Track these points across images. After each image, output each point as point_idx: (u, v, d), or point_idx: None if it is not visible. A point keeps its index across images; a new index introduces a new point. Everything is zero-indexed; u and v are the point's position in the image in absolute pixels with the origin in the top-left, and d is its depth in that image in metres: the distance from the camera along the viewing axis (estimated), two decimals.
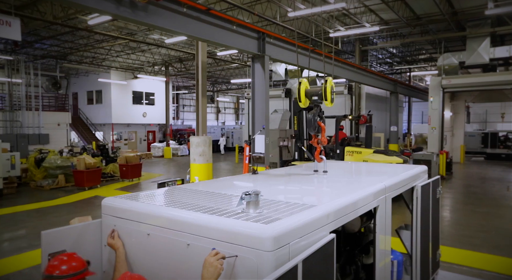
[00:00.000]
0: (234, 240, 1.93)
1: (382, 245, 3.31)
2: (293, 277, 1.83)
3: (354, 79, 17.39)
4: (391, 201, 3.50)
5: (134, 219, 2.44)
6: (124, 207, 2.53)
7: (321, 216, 2.29)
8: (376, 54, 26.05)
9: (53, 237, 2.44)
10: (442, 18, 16.45)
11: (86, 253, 2.57)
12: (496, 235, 8.82)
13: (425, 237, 4.46)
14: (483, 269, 6.80)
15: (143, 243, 2.37)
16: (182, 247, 2.14)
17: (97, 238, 2.64)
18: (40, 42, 21.02)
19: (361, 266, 3.95)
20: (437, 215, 4.92)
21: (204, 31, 8.07)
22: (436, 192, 4.86)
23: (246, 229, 1.95)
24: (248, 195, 2.14)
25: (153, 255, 2.31)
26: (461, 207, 11.80)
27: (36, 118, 23.13)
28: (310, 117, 3.75)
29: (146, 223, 2.36)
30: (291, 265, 1.82)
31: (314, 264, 2.03)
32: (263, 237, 1.84)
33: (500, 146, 26.30)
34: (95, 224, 2.66)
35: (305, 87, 3.81)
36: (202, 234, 2.06)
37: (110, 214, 2.60)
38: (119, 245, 2.45)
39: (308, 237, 2.12)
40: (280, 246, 1.88)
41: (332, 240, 2.25)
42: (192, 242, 2.11)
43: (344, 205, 2.59)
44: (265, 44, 9.71)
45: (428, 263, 4.61)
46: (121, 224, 2.51)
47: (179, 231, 2.18)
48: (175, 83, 38.68)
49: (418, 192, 4.22)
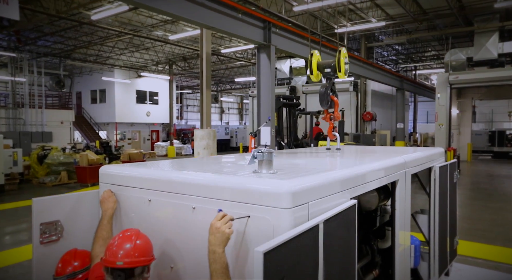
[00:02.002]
0: (246, 198, 1.71)
1: (401, 223, 3.07)
2: (314, 238, 1.61)
3: (360, 74, 17.13)
4: (410, 178, 3.26)
5: (134, 185, 2.22)
6: (123, 173, 2.32)
7: (340, 179, 2.07)
8: (381, 52, 25.78)
9: (46, 205, 2.23)
10: (449, 13, 16.17)
11: (82, 224, 2.36)
12: (510, 229, 8.53)
13: (443, 221, 4.22)
14: (499, 261, 6.52)
15: (144, 210, 2.15)
16: (187, 212, 1.92)
17: (94, 208, 2.42)
18: (44, 38, 20.94)
19: (376, 250, 3.71)
20: (455, 200, 4.67)
21: (209, 18, 7.87)
22: (454, 175, 4.62)
23: (260, 185, 1.72)
24: (261, 153, 1.92)
25: (155, 223, 2.09)
26: (472, 202, 11.49)
27: (39, 116, 23.03)
28: (322, 91, 3.52)
29: (147, 188, 2.14)
30: (312, 223, 1.60)
31: (335, 228, 1.81)
32: (280, 192, 1.62)
33: (508, 144, 25.90)
34: (92, 194, 2.45)
35: (317, 60, 3.58)
36: (209, 195, 1.85)
37: (108, 182, 2.38)
38: (107, 206, 2.24)
39: (328, 200, 1.89)
40: (299, 204, 1.66)
41: (354, 205, 2.03)
42: (198, 205, 1.88)
43: (364, 172, 2.36)
44: (271, 33, 9.50)
45: (446, 250, 4.36)
46: (120, 191, 2.30)
47: (183, 194, 1.96)
48: (179, 83, 38.56)
49: (436, 173, 3.98)
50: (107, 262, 1.79)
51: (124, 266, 1.77)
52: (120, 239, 1.86)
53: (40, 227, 2.18)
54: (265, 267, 1.26)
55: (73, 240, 2.33)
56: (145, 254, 1.84)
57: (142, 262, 1.81)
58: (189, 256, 1.91)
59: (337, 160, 3.08)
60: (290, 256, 1.43)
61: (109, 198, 2.26)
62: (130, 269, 1.78)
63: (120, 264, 1.76)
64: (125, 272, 1.78)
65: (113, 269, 1.78)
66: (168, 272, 2.01)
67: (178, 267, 1.97)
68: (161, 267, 2.04)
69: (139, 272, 1.81)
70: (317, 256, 1.66)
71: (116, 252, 1.80)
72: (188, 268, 1.91)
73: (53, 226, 2.25)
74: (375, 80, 19.48)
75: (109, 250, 1.83)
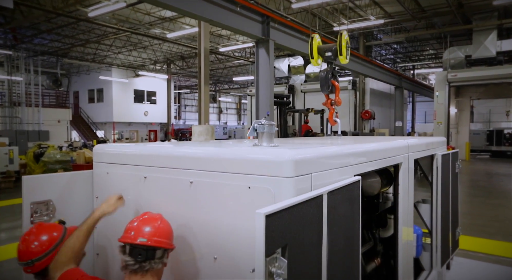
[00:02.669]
0: (247, 169, 1.63)
1: (404, 209, 3.00)
2: (317, 208, 1.53)
3: (359, 71, 17.09)
4: (413, 163, 3.19)
5: (129, 162, 2.14)
6: (118, 151, 2.24)
7: (344, 154, 2.00)
8: (380, 51, 25.76)
9: (37, 184, 2.14)
10: (448, 11, 16.16)
11: (75, 205, 2.28)
12: (510, 224, 8.48)
13: (445, 211, 4.15)
14: (500, 255, 6.46)
15: (139, 188, 2.07)
16: (184, 186, 1.84)
17: (87, 189, 2.34)
18: (40, 36, 20.81)
19: (378, 239, 3.63)
20: (457, 190, 4.61)
21: (207, 11, 7.79)
22: (456, 165, 4.55)
23: (261, 155, 1.64)
24: (261, 125, 1.84)
25: (151, 200, 2.01)
26: (471, 199, 11.44)
27: (36, 115, 22.87)
28: (323, 75, 3.45)
29: (143, 165, 2.06)
30: (316, 193, 1.52)
31: (339, 202, 1.73)
32: (282, 160, 1.54)
33: (506, 143, 25.92)
34: (85, 174, 2.36)
35: (318, 44, 3.51)
36: (208, 168, 1.76)
37: (102, 161, 2.30)
38: (105, 209, 1.96)
39: (331, 174, 1.82)
40: (301, 173, 1.57)
41: (358, 182, 1.95)
42: (195, 179, 1.80)
43: (367, 150, 2.29)
44: (269, 28, 9.43)
45: (448, 240, 4.29)
46: (114, 170, 2.21)
47: (180, 169, 1.88)
48: (177, 83, 38.45)
49: (438, 161, 3.91)
50: (127, 238, 1.66)
51: (147, 244, 1.63)
52: (144, 219, 1.74)
53: (31, 206, 2.09)
54: (267, 231, 1.18)
55: (66, 221, 2.24)
56: (168, 237, 1.73)
57: (165, 244, 1.69)
58: (186, 233, 1.82)
59: (339, 141, 3.01)
60: (293, 223, 1.36)
61: (116, 202, 1.99)
62: (152, 249, 1.65)
63: (143, 240, 1.63)
64: (147, 252, 1.64)
65: (133, 247, 1.63)
66: None
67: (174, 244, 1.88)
68: None
69: (160, 255, 1.67)
70: (321, 228, 1.58)
71: (139, 228, 1.68)
72: (185, 245, 1.83)
73: (45, 206, 2.16)
74: (373, 77, 19.45)
75: (129, 228, 1.70)
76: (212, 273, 1.71)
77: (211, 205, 1.73)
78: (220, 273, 1.68)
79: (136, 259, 1.63)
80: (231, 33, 20.90)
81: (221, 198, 1.69)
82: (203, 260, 1.74)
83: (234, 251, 1.65)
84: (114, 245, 1.91)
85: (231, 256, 1.66)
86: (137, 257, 1.62)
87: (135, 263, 1.63)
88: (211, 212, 1.73)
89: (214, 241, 1.71)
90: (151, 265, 1.64)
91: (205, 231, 1.75)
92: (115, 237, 1.76)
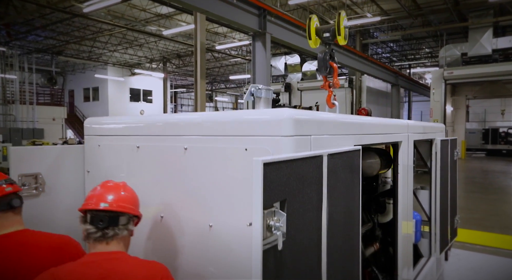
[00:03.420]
0: (243, 130, 1.56)
1: (404, 190, 2.94)
2: (317, 168, 1.46)
3: (355, 67, 17.07)
4: (413, 144, 3.14)
5: (121, 133, 2.06)
6: (110, 122, 2.16)
7: (344, 121, 1.93)
8: (376, 49, 25.79)
9: (25, 156, 2.06)
10: (444, 8, 16.19)
11: (66, 179, 2.20)
12: (506, 218, 8.49)
13: (444, 198, 4.10)
14: (497, 247, 6.44)
15: (132, 158, 1.99)
16: (178, 153, 1.77)
17: (78, 163, 2.26)
18: (34, 33, 20.61)
19: (377, 224, 3.57)
20: (455, 178, 4.56)
21: (203, 1, 7.70)
22: (454, 153, 4.51)
23: (258, 115, 1.58)
24: (259, 89, 1.77)
25: (145, 170, 1.93)
26: (468, 195, 11.45)
27: (30, 113, 22.65)
28: (320, 56, 3.38)
29: (136, 134, 1.99)
30: (316, 153, 1.46)
31: (340, 168, 1.67)
32: (281, 118, 1.48)
33: (501, 142, 26.04)
34: (76, 149, 2.28)
35: (315, 24, 3.44)
36: (203, 133, 1.69)
37: (94, 134, 2.22)
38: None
39: (331, 140, 1.75)
40: (301, 133, 1.51)
41: (358, 151, 1.89)
42: (190, 145, 1.73)
43: (367, 121, 2.23)
44: (266, 21, 9.36)
45: (447, 227, 4.24)
46: (106, 142, 2.14)
47: (174, 136, 1.81)
48: (173, 82, 38.31)
49: (437, 146, 3.87)
50: (88, 205, 1.56)
51: (109, 209, 1.54)
52: (106, 186, 1.64)
53: (19, 178, 2.01)
54: (265, 180, 1.11)
55: (56, 195, 2.16)
56: (133, 203, 1.63)
57: (129, 209, 1.59)
58: (181, 201, 1.75)
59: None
60: (292, 179, 1.29)
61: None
62: (115, 215, 1.55)
63: (105, 205, 1.54)
64: (109, 217, 1.54)
65: (95, 214, 1.54)
66: (158, 222, 1.85)
67: (168, 216, 1.81)
68: (151, 217, 1.88)
69: (124, 221, 1.57)
70: (321, 190, 1.51)
71: (100, 196, 1.58)
72: (180, 213, 1.76)
73: (33, 179, 2.08)
74: (370, 74, 19.45)
75: (91, 196, 1.60)
76: (208, 241, 1.64)
77: (206, 171, 1.66)
78: (216, 240, 1.62)
79: (97, 226, 1.53)
80: (228, 31, 20.83)
81: (217, 162, 1.62)
82: (198, 228, 1.67)
83: (230, 218, 1.58)
84: None
85: (227, 223, 1.60)
86: (99, 223, 1.53)
87: (97, 230, 1.53)
88: (206, 178, 1.66)
89: (210, 208, 1.64)
90: (114, 231, 1.54)
91: (200, 198, 1.68)
92: None
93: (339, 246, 1.68)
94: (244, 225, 1.48)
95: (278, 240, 1.16)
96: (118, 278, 1.47)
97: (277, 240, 1.18)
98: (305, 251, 1.41)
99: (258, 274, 1.10)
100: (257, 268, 1.10)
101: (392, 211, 3.31)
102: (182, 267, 1.75)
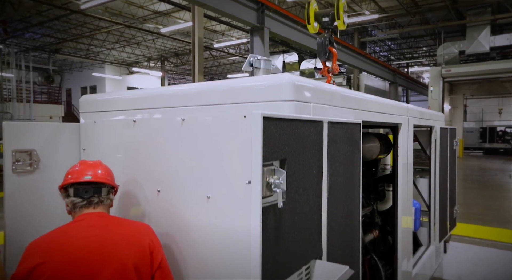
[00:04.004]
0: (242, 97, 1.53)
1: (403, 175, 2.91)
2: (318, 133, 1.43)
3: (354, 64, 17.07)
4: (413, 128, 3.11)
5: (117, 108, 2.03)
6: (106, 98, 2.13)
7: (345, 94, 1.91)
8: (374, 47, 25.81)
9: (19, 131, 2.02)
10: (442, 5, 16.20)
11: (61, 157, 2.16)
12: (505, 213, 8.50)
13: (444, 186, 4.08)
14: (495, 240, 6.43)
15: (128, 133, 1.95)
16: (175, 125, 1.73)
17: (74, 140, 2.22)
18: (31, 30, 20.51)
19: (376, 211, 3.54)
20: (454, 167, 4.54)
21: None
22: (453, 142, 4.49)
23: (257, 81, 1.54)
24: (258, 60, 1.74)
25: (141, 144, 1.89)
26: (466, 191, 11.45)
27: (27, 110, 22.52)
28: (319, 41, 3.35)
29: (132, 108, 1.95)
30: (316, 118, 1.42)
31: (340, 138, 1.63)
32: (281, 82, 1.44)
33: (499, 141, 26.10)
34: (72, 126, 2.25)
35: (314, 9, 3.42)
36: (200, 103, 1.66)
37: (90, 110, 2.18)
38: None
39: (331, 110, 1.72)
40: (301, 99, 1.47)
41: (359, 124, 1.86)
42: (187, 116, 1.69)
43: (368, 98, 2.20)
44: (264, 16, 9.34)
45: (446, 216, 4.22)
46: (102, 118, 2.10)
47: (171, 107, 1.77)
48: (171, 81, 38.24)
49: (437, 133, 3.85)
50: (72, 179, 1.66)
51: (92, 180, 1.65)
52: (82, 163, 1.76)
53: (13, 154, 1.97)
54: (265, 135, 1.08)
55: (50, 173, 2.12)
56: (111, 177, 1.77)
57: (109, 181, 1.74)
58: (178, 173, 1.72)
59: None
60: (293, 140, 1.26)
61: None
62: (98, 186, 1.68)
63: (88, 178, 1.65)
64: (93, 188, 1.66)
65: (78, 187, 1.65)
66: (155, 197, 1.81)
67: (165, 190, 1.78)
68: (148, 191, 1.84)
69: (105, 192, 1.71)
70: (321, 157, 1.48)
71: (81, 171, 1.69)
72: (177, 185, 1.72)
73: (28, 155, 2.04)
74: (368, 72, 19.46)
75: (71, 172, 1.70)
76: (205, 212, 1.60)
77: (205, 141, 1.62)
78: (214, 212, 1.58)
79: (83, 196, 1.64)
80: (226, 29, 20.79)
81: (215, 131, 1.58)
82: (196, 199, 1.63)
83: (228, 188, 1.54)
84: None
85: (225, 193, 1.56)
86: (84, 194, 1.65)
87: (83, 200, 1.65)
88: (204, 148, 1.62)
89: (208, 179, 1.61)
90: (99, 199, 1.67)
91: (197, 169, 1.64)
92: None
93: (339, 217, 1.65)
94: (242, 205, 1.44)
95: (278, 198, 1.13)
96: (113, 226, 1.62)
97: (277, 200, 1.15)
98: (305, 217, 1.38)
99: (258, 230, 1.07)
100: (256, 225, 1.07)
101: (392, 197, 3.29)
102: (181, 240, 1.72)
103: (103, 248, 1.51)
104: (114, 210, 2.03)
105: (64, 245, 1.50)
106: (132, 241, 1.56)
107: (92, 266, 1.46)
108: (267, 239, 1.13)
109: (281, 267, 1.23)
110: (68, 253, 1.47)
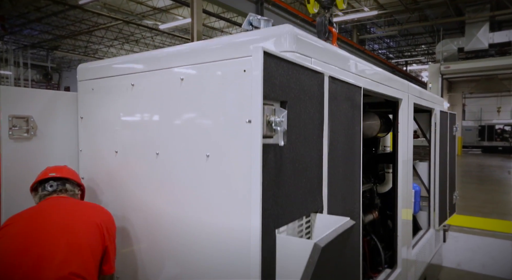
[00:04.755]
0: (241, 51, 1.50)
1: (403, 151, 2.89)
2: (319, 86, 1.41)
3: None
4: (413, 106, 3.10)
5: (114, 73, 2.00)
6: (103, 64, 2.10)
7: (346, 56, 1.89)
8: (372, 45, 25.83)
9: (15, 96, 1.99)
10: (441, 2, 16.22)
11: (58, 125, 2.14)
12: (503, 206, 8.51)
13: (443, 170, 4.07)
14: (495, 230, 6.43)
15: (126, 98, 1.93)
16: (174, 85, 1.71)
17: (72, 109, 2.20)
18: (30, 27, 20.44)
19: (376, 193, 3.53)
20: (454, 153, 4.53)
21: None
22: (453, 128, 4.48)
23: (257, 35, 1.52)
24: (258, 19, 1.71)
25: (139, 107, 1.87)
26: (466, 186, 11.45)
27: None
28: (319, 20, 3.33)
29: (129, 73, 1.93)
30: (318, 68, 1.41)
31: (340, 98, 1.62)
32: (282, 32, 1.44)
33: (497, 139, 26.14)
34: (69, 95, 2.23)
35: None
36: (199, 60, 1.63)
37: (87, 78, 2.16)
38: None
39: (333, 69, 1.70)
40: (302, 52, 1.46)
41: (360, 88, 1.85)
42: (187, 75, 1.67)
43: (369, 66, 2.18)
44: (263, 8, 9.33)
45: (446, 201, 4.21)
46: (100, 84, 2.08)
47: (169, 68, 1.75)
48: None
49: (436, 116, 3.84)
50: (39, 177, 1.86)
51: (56, 176, 1.87)
52: (50, 167, 1.95)
53: (9, 119, 1.95)
54: (265, 71, 1.06)
55: (48, 141, 2.10)
56: (76, 175, 1.97)
57: (74, 177, 1.93)
58: (177, 132, 1.69)
59: None
60: (293, 83, 1.24)
61: None
62: (62, 181, 1.88)
63: (52, 174, 1.88)
64: (57, 184, 1.86)
65: (45, 184, 1.85)
66: (154, 159, 1.79)
67: (164, 152, 1.75)
68: (146, 154, 1.82)
69: (70, 187, 1.90)
70: (322, 110, 1.46)
71: (47, 171, 1.91)
72: (175, 150, 1.70)
73: (25, 121, 2.01)
74: None
75: (40, 174, 1.90)
76: (204, 171, 1.58)
77: (205, 99, 1.60)
78: (212, 170, 1.56)
79: (48, 189, 1.85)
80: (225, 26, 20.77)
81: (215, 88, 1.56)
82: (195, 159, 1.61)
83: (227, 146, 1.52)
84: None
85: (224, 151, 1.53)
86: (50, 186, 1.85)
87: (50, 192, 1.85)
88: (204, 107, 1.60)
89: (207, 136, 1.58)
90: (64, 188, 1.88)
91: (197, 127, 1.62)
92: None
93: (339, 175, 1.63)
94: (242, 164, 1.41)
95: (279, 137, 1.11)
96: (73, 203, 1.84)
97: (278, 141, 1.13)
98: (305, 167, 1.36)
99: (258, 167, 1.05)
100: (257, 161, 1.05)
101: (392, 179, 3.27)
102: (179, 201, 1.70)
103: (61, 218, 1.71)
104: (113, 177, 2.02)
105: (28, 212, 1.74)
106: (87, 216, 1.77)
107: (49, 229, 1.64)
108: (268, 178, 1.11)
109: (281, 210, 1.20)
110: (29, 216, 1.70)
